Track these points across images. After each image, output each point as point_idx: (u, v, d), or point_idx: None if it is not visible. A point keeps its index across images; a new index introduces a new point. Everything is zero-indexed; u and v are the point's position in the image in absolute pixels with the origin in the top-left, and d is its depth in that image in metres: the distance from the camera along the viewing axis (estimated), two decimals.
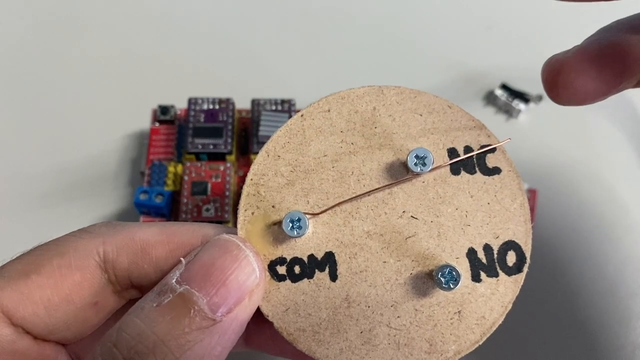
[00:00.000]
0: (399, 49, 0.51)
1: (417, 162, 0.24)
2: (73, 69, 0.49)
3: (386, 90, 0.26)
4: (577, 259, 0.42)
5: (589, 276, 0.41)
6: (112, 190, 0.44)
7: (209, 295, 0.22)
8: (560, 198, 0.44)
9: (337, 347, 0.24)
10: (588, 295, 0.41)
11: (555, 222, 0.43)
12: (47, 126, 0.46)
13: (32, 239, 0.25)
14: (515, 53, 0.50)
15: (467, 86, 0.49)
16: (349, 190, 0.25)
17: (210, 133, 0.41)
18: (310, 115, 0.26)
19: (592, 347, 0.39)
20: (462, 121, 0.26)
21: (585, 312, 0.40)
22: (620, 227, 0.43)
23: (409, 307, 0.24)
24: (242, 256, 0.23)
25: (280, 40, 0.51)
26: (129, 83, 0.48)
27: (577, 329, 0.40)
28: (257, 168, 0.25)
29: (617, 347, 0.39)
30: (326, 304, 0.24)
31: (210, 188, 0.40)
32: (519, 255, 0.24)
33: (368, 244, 0.24)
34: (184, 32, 0.51)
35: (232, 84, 0.48)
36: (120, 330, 0.21)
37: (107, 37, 0.50)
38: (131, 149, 0.45)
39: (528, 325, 0.40)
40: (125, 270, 0.24)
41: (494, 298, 0.24)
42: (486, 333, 0.24)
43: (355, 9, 0.53)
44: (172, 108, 0.43)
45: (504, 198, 0.25)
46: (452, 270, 0.23)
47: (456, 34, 0.51)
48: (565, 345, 0.39)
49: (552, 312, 0.40)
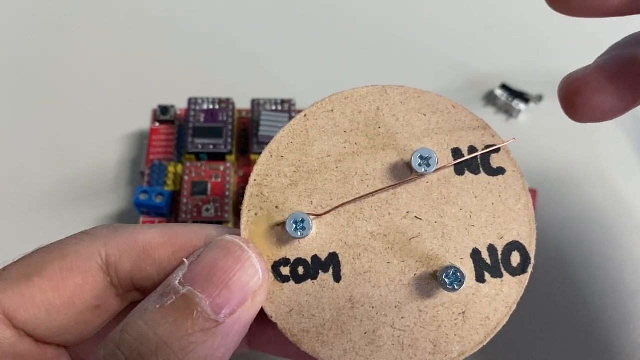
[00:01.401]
0: (399, 49, 0.51)
1: (421, 162, 0.24)
2: (73, 69, 0.49)
3: (390, 90, 0.26)
4: (577, 259, 0.42)
5: (589, 276, 0.41)
6: (112, 190, 0.44)
7: (212, 297, 0.22)
8: (560, 198, 0.44)
9: (341, 348, 0.24)
10: (588, 295, 0.41)
11: (556, 222, 0.43)
12: (47, 126, 0.46)
13: (33, 239, 0.25)
14: (515, 53, 0.50)
15: (467, 86, 0.49)
16: (352, 191, 0.25)
17: (210, 133, 0.41)
18: (313, 115, 0.26)
19: (592, 347, 0.39)
20: (466, 121, 0.25)
21: (585, 311, 0.40)
22: (620, 227, 0.43)
23: (413, 308, 0.24)
24: (245, 257, 0.23)
25: (280, 40, 0.51)
26: (129, 83, 0.48)
27: (577, 328, 0.40)
28: (261, 168, 0.25)
29: (617, 346, 0.39)
30: (330, 305, 0.24)
31: (210, 188, 0.40)
32: (524, 255, 0.24)
33: (372, 244, 0.24)
34: (184, 32, 0.51)
35: (232, 84, 0.48)
36: (123, 332, 0.21)
37: (107, 37, 0.50)
38: (131, 149, 0.45)
39: (528, 325, 0.40)
40: (128, 272, 0.24)
41: (498, 299, 0.24)
42: (490, 334, 0.24)
43: (355, 9, 0.52)
44: (172, 108, 0.43)
45: (508, 198, 0.25)
46: (457, 271, 0.23)
47: (456, 34, 0.51)
48: (566, 345, 0.39)
49: (551, 312, 0.40)
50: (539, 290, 0.41)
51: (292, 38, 0.51)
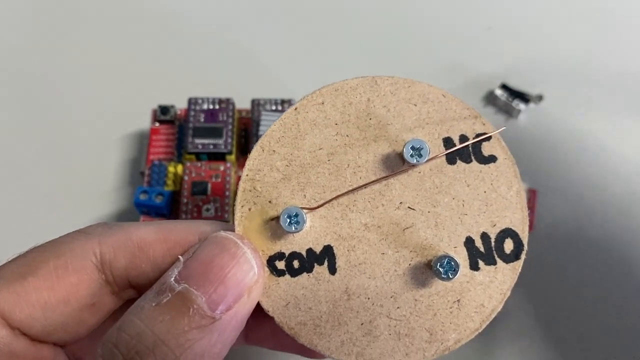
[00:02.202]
0: (399, 49, 0.51)
1: (413, 153, 0.24)
2: (73, 69, 0.49)
3: (380, 80, 0.26)
4: (576, 259, 0.42)
5: (589, 276, 0.41)
6: (112, 190, 0.44)
7: (208, 294, 0.22)
8: (560, 198, 0.44)
9: (339, 340, 0.24)
10: (588, 295, 0.41)
11: (555, 222, 0.43)
12: (47, 126, 0.46)
13: (33, 239, 0.25)
14: (515, 53, 0.50)
15: (467, 86, 0.49)
16: (345, 183, 0.25)
17: (210, 133, 0.41)
18: (304, 108, 0.26)
19: (592, 346, 0.39)
20: (456, 110, 0.25)
21: (585, 311, 0.40)
22: (621, 227, 0.43)
23: (408, 298, 0.24)
24: (240, 253, 0.23)
25: (280, 40, 0.51)
26: (129, 83, 0.48)
27: (576, 328, 0.40)
28: (253, 163, 0.25)
29: (617, 346, 0.39)
30: (326, 297, 0.24)
31: (210, 188, 0.40)
32: (517, 242, 0.24)
33: (366, 236, 0.24)
34: (184, 32, 0.51)
35: (232, 84, 0.48)
36: (120, 331, 0.21)
37: (108, 37, 0.50)
38: (131, 149, 0.45)
39: (527, 325, 0.40)
40: (123, 270, 0.24)
41: (493, 286, 0.24)
42: (485, 320, 0.24)
43: (355, 10, 0.52)
44: (172, 108, 0.43)
45: (500, 186, 0.25)
46: (451, 260, 0.23)
47: (456, 34, 0.51)
48: (565, 345, 0.39)
49: (551, 312, 0.40)
50: (538, 290, 0.40)
51: (292, 38, 0.51)
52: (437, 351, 0.24)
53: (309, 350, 0.25)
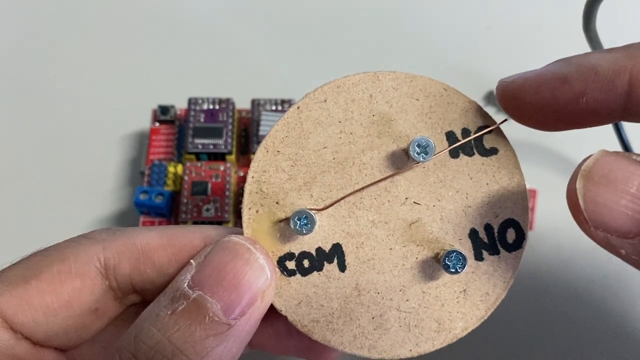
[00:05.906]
0: (399, 49, 0.50)
1: (419, 151, 0.24)
2: (73, 68, 0.48)
3: (381, 76, 0.26)
4: (577, 258, 0.42)
5: (589, 276, 0.41)
6: (112, 190, 0.44)
7: (223, 300, 0.22)
8: (560, 198, 0.44)
9: (351, 334, 0.24)
10: (588, 295, 0.41)
11: (556, 222, 0.43)
12: (47, 126, 0.46)
13: (33, 239, 0.25)
14: (515, 53, 0.50)
15: (467, 86, 0.48)
16: (351, 181, 0.25)
17: (210, 133, 0.41)
18: (306, 107, 0.26)
19: (591, 346, 0.39)
20: (458, 103, 0.26)
21: (585, 311, 0.40)
22: None
23: (416, 290, 0.25)
24: (253, 259, 0.23)
25: (280, 40, 0.51)
26: (129, 83, 0.48)
27: (576, 328, 0.40)
28: (258, 165, 0.25)
29: (617, 346, 0.39)
30: (337, 294, 0.25)
31: (210, 188, 0.40)
32: (518, 231, 0.25)
33: (374, 232, 0.25)
34: (184, 32, 0.50)
35: (232, 84, 0.47)
36: (137, 340, 0.21)
37: (108, 37, 0.50)
38: (131, 149, 0.45)
39: (527, 325, 0.40)
40: (127, 275, 0.24)
41: (497, 274, 0.25)
42: (490, 308, 0.25)
43: (355, 10, 0.52)
44: (172, 108, 0.43)
45: (502, 177, 0.25)
46: (459, 254, 0.24)
47: (456, 34, 0.51)
48: (564, 344, 0.39)
49: (551, 311, 0.40)
50: (538, 290, 0.41)
51: (292, 38, 0.51)
52: (445, 340, 0.25)
53: (314, 352, 0.25)
